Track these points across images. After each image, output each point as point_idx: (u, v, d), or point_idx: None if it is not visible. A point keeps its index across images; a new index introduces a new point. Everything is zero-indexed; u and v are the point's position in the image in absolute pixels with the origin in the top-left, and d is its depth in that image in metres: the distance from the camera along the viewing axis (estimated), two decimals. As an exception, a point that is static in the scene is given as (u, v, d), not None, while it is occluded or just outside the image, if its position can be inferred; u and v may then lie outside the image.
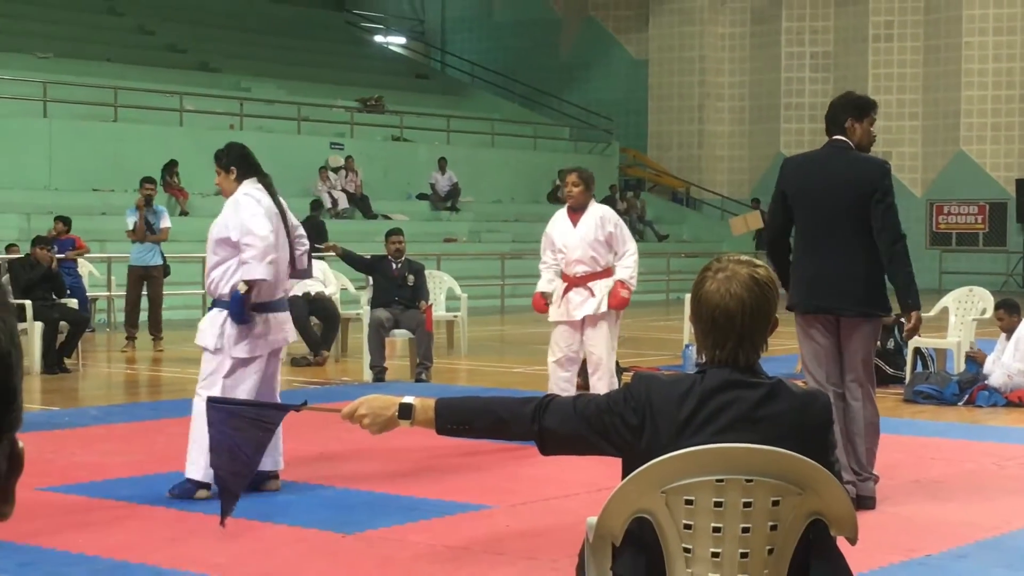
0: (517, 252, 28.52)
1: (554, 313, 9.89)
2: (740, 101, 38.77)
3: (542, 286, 10.06)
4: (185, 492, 7.62)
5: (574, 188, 9.79)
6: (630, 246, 9.91)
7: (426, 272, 14.80)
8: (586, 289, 9.74)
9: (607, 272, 9.84)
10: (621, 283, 9.76)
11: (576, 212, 9.84)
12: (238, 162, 7.94)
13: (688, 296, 13.64)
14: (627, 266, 9.81)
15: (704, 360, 3.45)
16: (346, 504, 7.56)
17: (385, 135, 32.38)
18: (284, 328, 7.91)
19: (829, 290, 7.50)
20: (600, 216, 9.81)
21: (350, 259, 14.28)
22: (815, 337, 7.56)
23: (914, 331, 7.59)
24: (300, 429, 8.66)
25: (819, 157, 7.71)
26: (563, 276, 9.84)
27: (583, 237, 9.74)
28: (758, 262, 3.45)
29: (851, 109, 7.63)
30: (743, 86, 38.68)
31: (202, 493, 7.63)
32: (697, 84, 38.80)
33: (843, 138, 7.59)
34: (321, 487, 8.00)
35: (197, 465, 7.55)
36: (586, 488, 7.84)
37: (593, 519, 3.41)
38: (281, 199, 8.02)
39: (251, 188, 7.87)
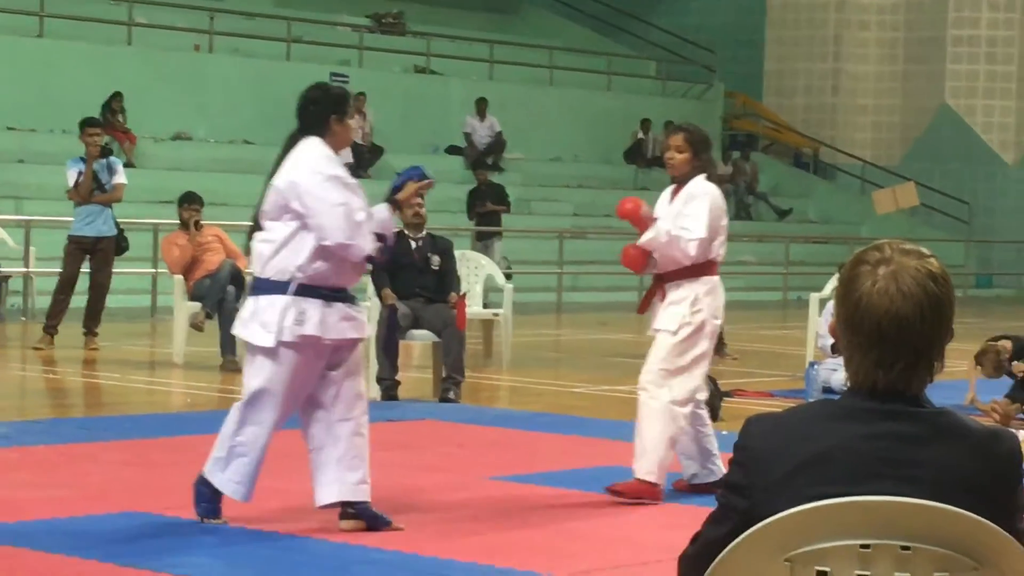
0: (580, 230, 28.48)
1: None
2: (893, 32, 38.61)
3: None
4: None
5: (677, 154, 9.49)
6: (694, 231, 9.27)
7: (457, 253, 14.79)
8: (663, 291, 9.56)
9: (696, 271, 9.46)
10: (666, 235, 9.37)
11: (680, 185, 9.58)
12: None
13: (815, 296, 13.59)
14: (685, 227, 9.27)
15: (850, 385, 3.44)
16: (344, 563, 7.59)
17: (405, 65, 32.46)
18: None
19: None
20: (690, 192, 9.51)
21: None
22: None
23: None
24: (280, 460, 8.69)
25: None
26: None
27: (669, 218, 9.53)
28: (927, 251, 3.40)
29: None
30: (896, 11, 38.53)
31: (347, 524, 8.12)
32: (833, 8, 38.69)
33: None
34: (310, 540, 8.01)
35: None
36: (669, 553, 7.79)
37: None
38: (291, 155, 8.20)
39: None
